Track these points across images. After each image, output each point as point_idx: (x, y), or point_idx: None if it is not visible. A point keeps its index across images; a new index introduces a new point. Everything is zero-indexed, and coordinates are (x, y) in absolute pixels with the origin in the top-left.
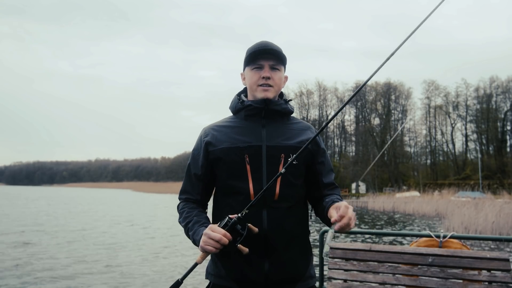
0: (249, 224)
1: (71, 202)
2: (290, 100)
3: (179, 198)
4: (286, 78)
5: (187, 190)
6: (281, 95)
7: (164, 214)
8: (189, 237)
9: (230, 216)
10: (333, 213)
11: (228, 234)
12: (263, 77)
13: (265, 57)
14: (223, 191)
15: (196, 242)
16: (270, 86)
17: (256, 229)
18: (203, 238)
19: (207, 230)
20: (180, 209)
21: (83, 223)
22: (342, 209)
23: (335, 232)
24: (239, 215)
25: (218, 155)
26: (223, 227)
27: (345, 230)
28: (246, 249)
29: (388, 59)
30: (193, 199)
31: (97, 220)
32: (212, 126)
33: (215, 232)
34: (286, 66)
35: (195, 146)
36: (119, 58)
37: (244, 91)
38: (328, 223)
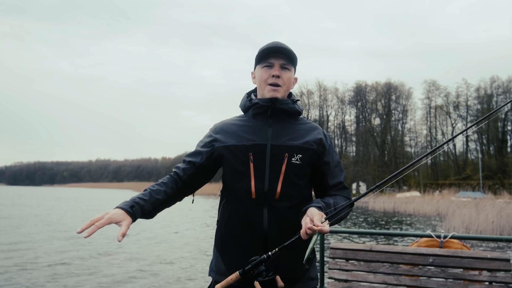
0: (277, 276)
1: (102, 203)
2: (298, 100)
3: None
4: (295, 79)
5: (178, 166)
6: (290, 95)
7: (196, 217)
8: None
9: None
10: (302, 224)
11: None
12: (273, 76)
13: (276, 56)
14: (227, 188)
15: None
16: (278, 86)
17: (282, 284)
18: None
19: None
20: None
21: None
22: (306, 220)
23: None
24: (269, 253)
25: (224, 152)
26: (250, 261)
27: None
28: None
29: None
30: (178, 173)
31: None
32: (222, 123)
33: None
34: (296, 67)
35: (202, 138)
36: (120, 57)
37: (255, 91)
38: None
